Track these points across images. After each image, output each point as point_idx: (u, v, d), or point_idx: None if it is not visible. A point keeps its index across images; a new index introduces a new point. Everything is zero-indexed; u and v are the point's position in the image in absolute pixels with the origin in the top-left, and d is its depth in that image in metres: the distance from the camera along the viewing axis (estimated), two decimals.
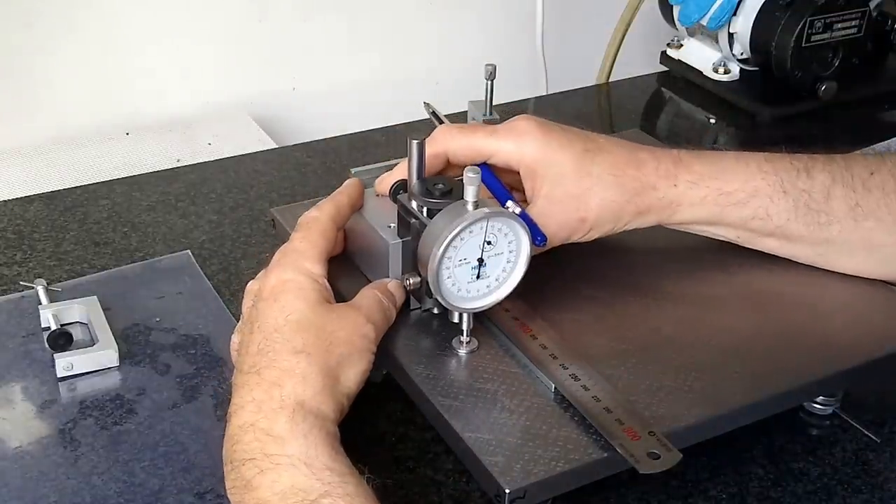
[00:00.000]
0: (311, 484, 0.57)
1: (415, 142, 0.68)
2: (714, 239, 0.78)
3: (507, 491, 0.59)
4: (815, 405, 0.75)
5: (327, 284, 0.68)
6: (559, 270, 0.77)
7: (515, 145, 0.73)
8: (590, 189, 0.72)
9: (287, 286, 0.66)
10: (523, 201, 0.74)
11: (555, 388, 0.66)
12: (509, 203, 0.68)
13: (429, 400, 0.66)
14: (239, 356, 0.66)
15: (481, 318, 0.71)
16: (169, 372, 0.78)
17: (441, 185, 0.68)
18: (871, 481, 0.71)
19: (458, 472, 0.70)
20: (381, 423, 0.74)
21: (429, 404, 0.66)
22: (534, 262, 0.78)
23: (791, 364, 0.70)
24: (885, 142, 1.11)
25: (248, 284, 0.71)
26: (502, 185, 0.73)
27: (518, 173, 0.74)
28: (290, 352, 0.63)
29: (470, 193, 0.64)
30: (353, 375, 0.65)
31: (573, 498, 0.63)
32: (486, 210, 0.65)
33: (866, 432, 0.75)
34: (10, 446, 0.71)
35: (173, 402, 0.75)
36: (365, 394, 0.67)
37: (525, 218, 0.70)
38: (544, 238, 0.70)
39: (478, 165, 0.72)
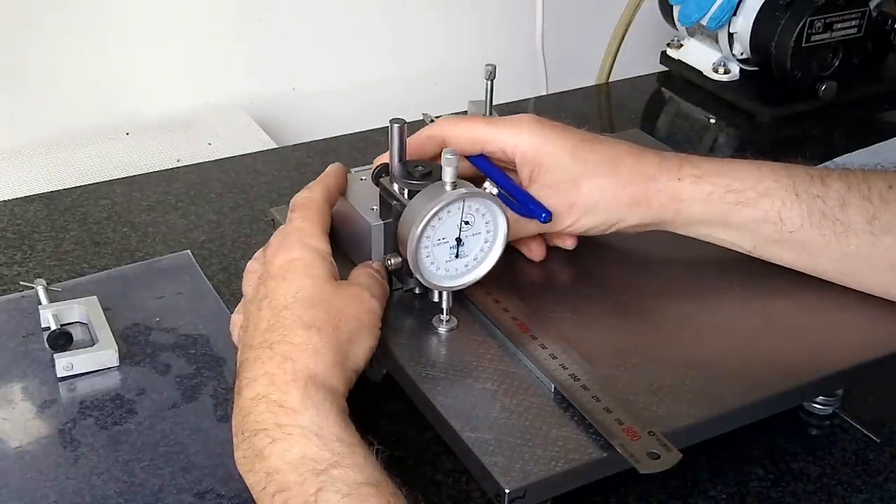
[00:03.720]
0: (321, 454, 0.58)
1: (395, 125, 0.70)
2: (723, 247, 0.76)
3: (507, 491, 0.59)
4: (815, 405, 0.75)
5: (333, 260, 0.69)
6: (559, 270, 0.77)
7: (512, 134, 0.73)
8: (582, 175, 0.72)
9: (295, 264, 0.67)
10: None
11: (554, 387, 0.66)
12: (486, 184, 0.68)
13: (429, 399, 0.66)
14: (246, 333, 0.67)
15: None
16: (169, 372, 0.78)
17: (421, 168, 0.70)
18: (871, 481, 0.71)
19: (458, 472, 0.70)
20: (381, 423, 0.74)
21: (428, 403, 0.66)
22: (534, 261, 0.78)
23: (791, 364, 0.70)
24: (872, 146, 1.11)
25: (248, 265, 0.73)
26: (501, 171, 0.73)
27: (514, 166, 0.74)
28: (302, 327, 0.64)
29: (448, 174, 0.66)
30: (361, 351, 0.66)
31: (573, 498, 0.63)
32: (462, 190, 0.66)
33: (866, 432, 0.75)
34: (10, 446, 0.71)
35: (173, 402, 0.75)
36: (365, 394, 0.67)
37: (525, 196, 0.71)
38: (549, 213, 0.70)
39: (476, 157, 0.74)
